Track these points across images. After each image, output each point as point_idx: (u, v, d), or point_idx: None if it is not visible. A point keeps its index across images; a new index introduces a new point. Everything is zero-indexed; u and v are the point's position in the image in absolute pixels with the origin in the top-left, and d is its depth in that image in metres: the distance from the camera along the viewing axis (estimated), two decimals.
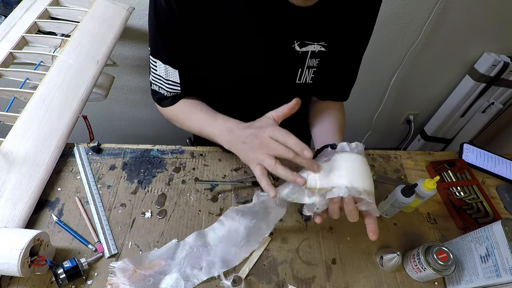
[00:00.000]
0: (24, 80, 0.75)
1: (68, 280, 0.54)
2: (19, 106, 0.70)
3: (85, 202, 0.66)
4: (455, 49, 1.46)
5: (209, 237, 0.62)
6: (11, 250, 0.49)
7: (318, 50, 0.59)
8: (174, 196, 0.70)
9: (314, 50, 0.59)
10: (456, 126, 1.78)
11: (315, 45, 0.58)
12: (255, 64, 0.61)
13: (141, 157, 0.75)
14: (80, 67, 0.78)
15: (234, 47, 0.57)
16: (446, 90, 1.69)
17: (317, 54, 0.60)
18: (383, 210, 0.70)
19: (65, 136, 0.70)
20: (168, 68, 0.60)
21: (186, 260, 0.59)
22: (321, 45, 0.59)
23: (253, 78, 0.63)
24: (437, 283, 0.62)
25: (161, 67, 0.60)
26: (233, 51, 0.58)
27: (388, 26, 1.33)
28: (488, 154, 0.85)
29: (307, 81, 0.64)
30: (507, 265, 0.50)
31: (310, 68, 0.61)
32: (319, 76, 0.64)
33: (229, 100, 0.69)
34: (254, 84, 0.64)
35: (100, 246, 0.60)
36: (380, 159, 0.82)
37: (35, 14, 0.85)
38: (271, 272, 0.61)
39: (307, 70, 0.62)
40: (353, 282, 0.61)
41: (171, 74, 0.60)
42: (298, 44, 0.57)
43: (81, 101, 0.74)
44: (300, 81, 0.63)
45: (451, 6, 1.27)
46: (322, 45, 0.59)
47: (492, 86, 1.52)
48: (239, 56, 0.59)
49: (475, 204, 0.74)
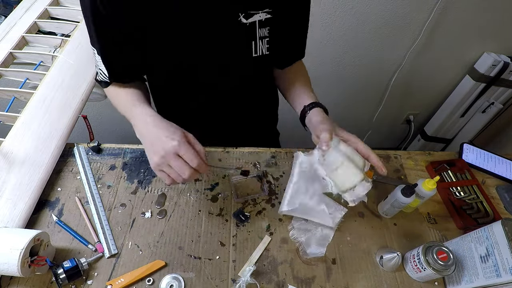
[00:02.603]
0: (24, 80, 0.75)
1: (68, 280, 0.54)
2: (19, 106, 0.70)
3: (85, 202, 0.66)
4: (455, 49, 1.46)
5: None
6: (11, 250, 0.49)
7: (265, 18, 0.58)
8: (174, 196, 0.70)
9: (261, 19, 0.58)
10: (456, 126, 1.78)
11: (260, 13, 0.57)
12: (207, 46, 0.60)
13: (141, 157, 0.75)
14: (80, 67, 0.78)
15: (182, 32, 0.56)
16: (446, 90, 1.69)
17: (265, 23, 0.59)
18: (383, 210, 0.70)
19: (65, 136, 0.70)
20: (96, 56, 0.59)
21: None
22: (266, 13, 0.58)
23: (209, 61, 0.62)
24: (437, 283, 0.62)
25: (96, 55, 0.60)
26: (182, 36, 0.57)
27: (388, 26, 1.33)
28: (488, 154, 0.85)
29: (264, 52, 0.63)
30: (507, 265, 0.50)
31: (262, 38, 0.61)
32: (274, 45, 0.63)
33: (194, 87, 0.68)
34: (211, 68, 0.63)
35: (100, 246, 0.60)
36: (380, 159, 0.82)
37: (35, 14, 0.85)
38: (271, 272, 0.61)
39: (260, 41, 0.61)
40: (353, 282, 0.61)
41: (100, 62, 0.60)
42: (244, 16, 0.57)
43: (81, 101, 0.74)
44: (257, 53, 0.62)
45: (451, 6, 1.27)
46: (267, 12, 0.58)
47: (492, 86, 1.52)
48: (188, 41, 0.58)
49: (475, 204, 0.74)
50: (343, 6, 1.24)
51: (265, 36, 0.60)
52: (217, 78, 0.65)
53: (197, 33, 0.57)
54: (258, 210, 0.69)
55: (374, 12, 1.27)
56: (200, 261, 0.61)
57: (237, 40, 0.59)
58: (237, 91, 0.65)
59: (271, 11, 0.58)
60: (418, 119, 1.88)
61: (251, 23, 0.58)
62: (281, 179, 0.75)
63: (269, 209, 0.70)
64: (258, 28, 0.59)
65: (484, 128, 1.71)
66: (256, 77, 0.72)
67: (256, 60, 0.63)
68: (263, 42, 0.61)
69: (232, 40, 0.59)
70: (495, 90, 1.56)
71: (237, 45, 0.60)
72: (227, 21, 0.56)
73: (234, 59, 0.62)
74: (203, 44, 0.59)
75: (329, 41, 1.36)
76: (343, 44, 1.38)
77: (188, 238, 0.64)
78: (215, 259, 0.61)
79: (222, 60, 0.62)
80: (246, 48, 0.61)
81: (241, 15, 0.56)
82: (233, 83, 0.66)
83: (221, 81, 0.66)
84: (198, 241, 0.64)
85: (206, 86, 0.67)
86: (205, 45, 0.59)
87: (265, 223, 0.67)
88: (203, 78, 0.66)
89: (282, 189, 0.73)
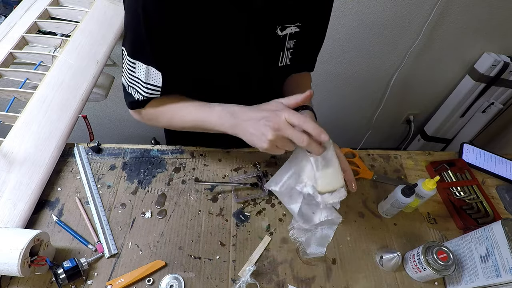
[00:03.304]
0: (24, 80, 0.75)
1: (68, 280, 0.54)
2: (19, 106, 0.70)
3: (85, 202, 0.66)
4: (455, 49, 1.46)
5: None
6: (11, 250, 0.49)
7: (295, 31, 0.60)
8: (174, 196, 0.70)
9: (291, 32, 0.60)
10: (456, 126, 1.78)
11: (292, 27, 0.59)
12: (246, 59, 0.61)
13: (141, 157, 0.75)
14: (80, 67, 0.78)
15: (224, 43, 0.57)
16: (446, 90, 1.69)
17: (293, 36, 0.61)
18: (383, 210, 0.70)
19: (65, 136, 0.70)
20: (150, 69, 0.55)
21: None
22: (296, 26, 0.60)
23: (244, 72, 0.64)
24: (437, 283, 0.62)
25: (141, 69, 0.55)
26: (224, 47, 0.57)
27: (388, 26, 1.33)
28: (488, 154, 0.85)
29: (287, 63, 0.65)
30: (507, 265, 0.50)
31: (289, 49, 0.63)
32: (295, 56, 0.65)
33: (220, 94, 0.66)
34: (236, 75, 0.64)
35: (100, 246, 0.60)
36: (380, 159, 0.82)
37: (35, 14, 0.85)
38: (271, 272, 0.61)
39: (286, 52, 0.63)
40: (353, 282, 0.61)
41: (152, 77, 0.56)
42: (280, 29, 0.58)
43: (81, 101, 0.74)
44: (282, 63, 0.64)
45: (451, 6, 1.27)
46: (297, 26, 0.60)
47: (492, 86, 1.52)
48: (230, 52, 0.58)
49: (475, 204, 0.74)
50: (343, 6, 1.24)
51: (291, 47, 0.63)
52: (239, 84, 0.66)
53: (238, 43, 0.58)
54: (258, 210, 0.69)
55: (374, 12, 1.27)
56: (200, 261, 0.61)
57: (271, 50, 0.62)
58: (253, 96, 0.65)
59: (300, 25, 0.60)
60: (418, 119, 1.88)
61: (284, 35, 0.60)
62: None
63: (269, 209, 0.70)
64: (287, 39, 0.61)
65: (484, 128, 1.71)
66: (275, 85, 0.74)
67: (281, 69, 0.65)
68: (288, 53, 0.63)
69: (267, 50, 0.61)
70: (495, 90, 1.56)
71: (269, 54, 0.62)
72: (266, 33, 0.58)
73: (263, 67, 0.64)
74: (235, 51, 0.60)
75: (329, 41, 1.36)
76: (343, 44, 1.38)
77: (188, 238, 0.64)
78: (215, 259, 0.62)
79: (248, 68, 0.64)
80: (275, 58, 0.63)
81: (278, 27, 0.58)
82: (252, 89, 0.68)
83: (242, 87, 0.67)
84: (198, 241, 0.64)
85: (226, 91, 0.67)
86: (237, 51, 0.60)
87: (265, 223, 0.67)
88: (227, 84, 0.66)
89: None
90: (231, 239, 0.64)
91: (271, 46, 0.61)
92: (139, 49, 0.54)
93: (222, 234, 0.65)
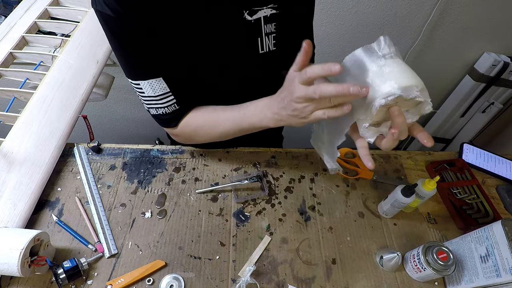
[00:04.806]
0: (24, 80, 0.75)
1: (68, 280, 0.54)
2: (19, 106, 0.70)
3: (85, 202, 0.66)
4: (455, 49, 1.46)
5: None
6: (11, 250, 0.49)
7: (270, 13, 0.58)
8: (174, 196, 0.70)
9: (266, 15, 0.58)
10: (456, 126, 1.78)
11: (265, 9, 0.57)
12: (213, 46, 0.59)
13: (141, 157, 0.75)
14: (80, 67, 0.78)
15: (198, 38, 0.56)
16: (446, 90, 1.69)
17: (270, 18, 0.59)
18: (383, 210, 0.70)
19: (65, 136, 0.70)
20: (152, 82, 0.56)
21: None
22: (271, 8, 0.57)
23: (213, 61, 0.61)
24: (437, 283, 0.62)
25: (145, 86, 0.56)
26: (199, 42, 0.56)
27: (388, 26, 1.33)
28: (488, 154, 0.85)
29: (271, 48, 0.62)
30: (507, 265, 0.50)
31: (269, 34, 0.60)
32: (281, 40, 0.63)
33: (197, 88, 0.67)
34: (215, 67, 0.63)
35: (100, 246, 0.60)
36: (380, 159, 0.82)
37: (35, 14, 0.85)
38: (271, 272, 0.61)
39: (266, 37, 0.60)
40: (353, 282, 0.61)
41: (157, 87, 0.57)
42: (248, 13, 0.56)
43: (81, 101, 0.74)
44: (264, 50, 0.62)
45: (451, 6, 1.27)
46: (272, 8, 0.58)
47: (492, 86, 1.52)
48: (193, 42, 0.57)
49: (475, 204, 0.74)
50: (343, 6, 1.24)
51: (271, 32, 0.60)
52: (219, 77, 0.65)
53: (203, 33, 0.57)
54: (258, 210, 0.69)
55: (374, 12, 1.27)
56: (200, 261, 0.61)
57: (243, 37, 0.59)
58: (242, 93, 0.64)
59: (276, 6, 0.58)
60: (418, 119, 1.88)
61: (256, 20, 0.57)
62: (281, 179, 0.75)
63: (269, 209, 0.70)
64: (263, 24, 0.58)
65: (484, 128, 1.71)
66: (264, 78, 0.71)
67: (264, 57, 0.62)
68: (270, 38, 0.61)
69: (238, 38, 0.59)
70: (495, 90, 1.56)
71: (243, 42, 0.60)
72: (232, 19, 0.56)
73: (239, 57, 0.62)
74: (208, 45, 0.59)
75: (329, 41, 1.36)
76: (343, 44, 1.38)
77: (188, 238, 0.64)
78: (215, 259, 0.62)
79: (227, 60, 0.62)
80: (252, 45, 0.61)
81: (246, 12, 0.56)
82: (237, 83, 0.66)
83: (223, 80, 0.65)
84: (198, 241, 0.64)
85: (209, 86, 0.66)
86: (210, 45, 0.59)
87: (265, 223, 0.67)
88: (207, 79, 0.65)
89: (282, 189, 0.73)
90: (231, 239, 0.64)
91: (243, 33, 0.58)
92: (134, 71, 0.56)
93: (222, 234, 0.65)
